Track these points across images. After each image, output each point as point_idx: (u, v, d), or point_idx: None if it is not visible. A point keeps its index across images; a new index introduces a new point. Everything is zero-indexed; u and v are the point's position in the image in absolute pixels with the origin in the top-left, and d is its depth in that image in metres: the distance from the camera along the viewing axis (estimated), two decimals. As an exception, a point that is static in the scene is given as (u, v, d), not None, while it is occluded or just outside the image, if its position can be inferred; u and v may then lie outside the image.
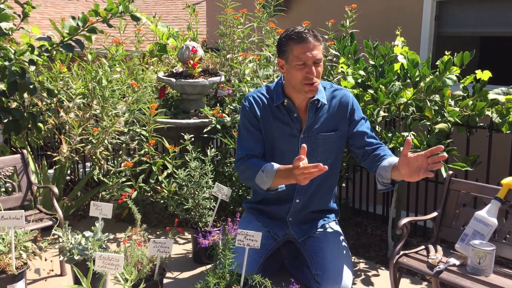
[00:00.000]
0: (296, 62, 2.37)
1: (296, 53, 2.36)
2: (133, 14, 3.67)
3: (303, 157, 2.16)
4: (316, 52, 2.36)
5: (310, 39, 2.35)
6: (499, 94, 2.90)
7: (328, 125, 2.54)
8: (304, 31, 2.39)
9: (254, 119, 2.56)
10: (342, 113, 2.54)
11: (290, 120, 2.53)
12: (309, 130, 2.53)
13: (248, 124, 2.58)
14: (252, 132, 2.57)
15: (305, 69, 2.37)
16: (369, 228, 3.65)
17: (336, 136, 2.56)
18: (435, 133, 2.90)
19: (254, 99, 2.58)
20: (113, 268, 2.05)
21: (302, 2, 5.08)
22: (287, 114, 2.53)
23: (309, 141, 2.52)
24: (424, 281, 2.83)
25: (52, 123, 3.85)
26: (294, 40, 2.37)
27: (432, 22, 4.15)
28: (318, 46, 2.38)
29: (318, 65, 2.39)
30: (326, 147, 2.55)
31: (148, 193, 3.63)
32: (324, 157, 2.55)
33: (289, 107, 2.52)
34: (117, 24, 4.62)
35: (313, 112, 2.52)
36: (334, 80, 3.63)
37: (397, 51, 3.09)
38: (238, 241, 2.16)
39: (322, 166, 2.10)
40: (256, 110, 2.56)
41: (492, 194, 2.36)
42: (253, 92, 2.63)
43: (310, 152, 2.51)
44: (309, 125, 2.52)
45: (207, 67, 4.09)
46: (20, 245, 2.49)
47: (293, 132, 2.53)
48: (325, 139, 2.54)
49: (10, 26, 3.44)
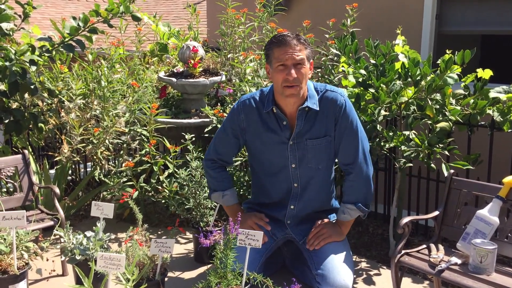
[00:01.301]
0: (276, 64, 2.38)
1: (276, 55, 2.37)
2: (134, 14, 3.67)
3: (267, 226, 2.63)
4: (297, 54, 2.34)
5: (290, 41, 2.35)
6: (500, 93, 2.90)
7: (317, 131, 2.50)
8: (286, 34, 2.39)
9: (238, 127, 2.58)
10: (331, 117, 2.49)
11: (278, 128, 2.51)
12: (298, 137, 2.50)
13: (229, 128, 2.61)
14: (230, 138, 2.62)
15: (284, 71, 2.36)
16: (371, 227, 3.65)
17: (326, 142, 2.53)
18: (436, 132, 2.90)
19: (245, 106, 2.57)
20: (114, 268, 2.05)
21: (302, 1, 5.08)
22: (276, 122, 2.51)
23: (298, 148, 2.52)
24: (426, 280, 2.83)
25: (53, 124, 3.85)
26: (275, 43, 2.39)
27: (433, 20, 4.14)
28: (300, 49, 2.36)
29: (301, 67, 2.36)
30: (316, 153, 2.53)
31: (149, 193, 3.63)
32: (315, 163, 2.55)
33: (278, 115, 2.50)
34: (118, 24, 4.62)
35: (302, 120, 2.48)
36: (335, 79, 3.62)
37: (398, 50, 3.08)
38: (239, 241, 2.16)
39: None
40: (243, 119, 2.56)
41: (493, 193, 2.36)
42: (247, 96, 2.62)
43: (300, 159, 2.53)
44: (298, 132, 2.50)
45: (208, 66, 4.08)
46: (21, 245, 2.49)
47: (282, 139, 2.52)
48: (314, 145, 2.51)
49: (11, 27, 3.44)
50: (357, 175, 2.55)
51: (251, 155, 2.70)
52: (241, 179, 3.48)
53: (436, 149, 2.82)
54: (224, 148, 2.67)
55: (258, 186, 2.75)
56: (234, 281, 2.14)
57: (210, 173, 2.73)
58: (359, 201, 2.57)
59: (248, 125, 2.57)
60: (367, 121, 3.03)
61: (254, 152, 2.65)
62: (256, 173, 2.72)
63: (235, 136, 2.61)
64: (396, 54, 3.05)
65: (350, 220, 2.64)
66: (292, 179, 2.58)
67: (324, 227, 2.61)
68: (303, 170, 2.55)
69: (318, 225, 2.63)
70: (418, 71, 2.90)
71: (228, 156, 2.71)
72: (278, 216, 2.68)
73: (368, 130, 2.96)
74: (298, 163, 2.54)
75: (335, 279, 2.41)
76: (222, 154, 2.68)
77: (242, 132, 2.59)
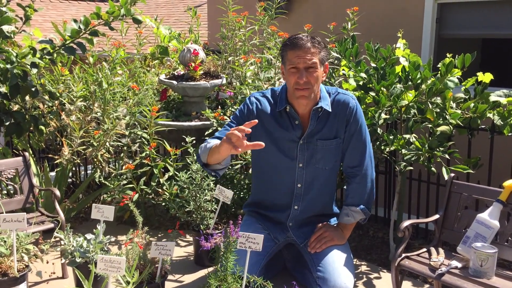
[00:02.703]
0: (289, 67, 2.41)
1: (290, 57, 2.40)
2: (135, 17, 3.67)
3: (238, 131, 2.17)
4: (309, 57, 2.36)
5: (304, 45, 2.36)
6: (500, 96, 2.90)
7: (328, 132, 2.53)
8: (300, 36, 2.40)
9: (247, 119, 2.50)
10: (341, 120, 2.53)
11: (290, 126, 2.53)
12: (309, 137, 2.53)
13: (240, 120, 2.54)
14: (237, 124, 2.51)
15: (296, 74, 2.38)
16: (371, 231, 3.64)
17: (336, 143, 2.55)
18: (437, 135, 2.90)
19: (258, 100, 2.58)
20: (114, 271, 2.05)
21: (303, 5, 5.09)
22: (289, 121, 2.53)
23: (308, 148, 2.53)
24: (426, 283, 2.83)
25: (54, 126, 3.86)
26: (288, 46, 2.42)
27: (434, 24, 4.15)
28: (313, 52, 2.37)
29: (313, 71, 2.37)
30: (325, 154, 2.55)
31: (149, 195, 3.63)
32: (323, 164, 2.56)
33: (291, 113, 2.52)
34: (119, 27, 4.63)
35: (315, 120, 2.51)
36: (335, 82, 3.63)
37: (398, 53, 3.09)
38: (239, 244, 2.16)
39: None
40: (254, 112, 2.55)
41: (494, 197, 2.36)
42: (259, 93, 2.62)
43: (308, 159, 2.54)
44: (310, 132, 2.52)
45: (209, 69, 4.09)
46: (22, 247, 2.49)
47: (293, 138, 2.54)
48: (324, 146, 2.54)
49: (12, 29, 3.45)
50: (362, 177, 2.57)
51: (255, 154, 2.68)
52: (241, 182, 3.48)
53: (437, 153, 2.83)
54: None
55: (261, 187, 2.74)
56: (234, 284, 2.14)
57: (200, 147, 2.53)
58: (362, 203, 2.58)
59: (258, 119, 2.50)
60: (367, 124, 3.03)
61: (260, 149, 2.60)
62: (259, 172, 2.71)
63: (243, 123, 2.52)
64: (396, 58, 3.06)
65: (352, 223, 2.65)
66: (296, 179, 2.58)
67: (327, 230, 2.61)
68: (310, 170, 2.56)
69: (320, 228, 2.63)
70: (419, 74, 2.90)
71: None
72: (281, 218, 2.68)
73: (369, 133, 2.96)
74: (306, 163, 2.54)
75: (335, 282, 2.41)
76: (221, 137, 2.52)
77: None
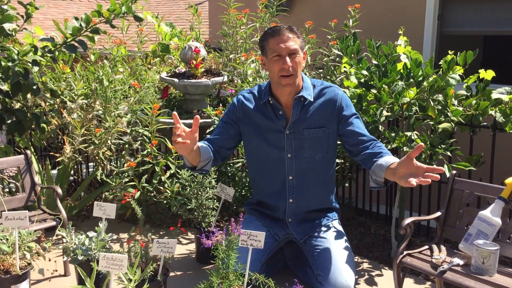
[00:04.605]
0: (272, 55, 2.46)
1: (271, 46, 2.46)
2: (136, 14, 3.67)
3: (179, 126, 2.18)
4: (291, 44, 2.43)
5: (284, 32, 2.44)
6: (502, 94, 2.90)
7: (314, 122, 2.56)
8: (279, 26, 2.49)
9: (234, 117, 2.65)
10: (330, 110, 2.55)
11: (275, 117, 2.57)
12: (294, 126, 2.56)
13: (226, 117, 2.69)
14: (224, 127, 2.66)
15: (280, 61, 2.43)
16: (373, 228, 3.64)
17: (323, 133, 2.57)
18: (439, 132, 2.89)
19: (242, 97, 2.67)
20: (116, 268, 2.05)
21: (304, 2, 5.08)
22: (273, 111, 2.58)
23: (295, 137, 2.56)
24: (428, 281, 2.83)
25: (55, 124, 3.86)
26: (269, 34, 2.48)
27: (435, 21, 4.14)
28: (293, 38, 2.45)
29: (295, 56, 2.44)
30: (312, 143, 2.57)
31: (151, 193, 3.63)
32: (311, 153, 2.58)
33: (274, 105, 2.57)
34: (119, 24, 4.63)
35: (298, 109, 2.54)
36: (337, 79, 3.62)
37: (400, 50, 3.08)
38: (241, 241, 2.16)
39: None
40: (239, 109, 2.64)
41: (495, 194, 2.36)
42: (246, 90, 2.71)
43: (296, 148, 2.58)
44: (294, 121, 2.55)
45: (210, 67, 4.09)
46: (24, 245, 2.50)
47: (279, 128, 2.57)
48: (311, 134, 2.56)
49: (13, 27, 3.45)
50: (374, 141, 2.48)
51: (247, 149, 2.73)
52: (243, 179, 3.48)
53: (438, 150, 2.82)
54: (219, 134, 2.65)
55: (255, 183, 2.79)
56: (236, 282, 2.13)
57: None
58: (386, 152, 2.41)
59: (244, 115, 2.63)
60: (369, 121, 3.03)
61: (249, 143, 2.67)
62: (251, 167, 2.76)
63: (232, 123, 2.65)
64: (398, 55, 3.05)
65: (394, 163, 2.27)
66: (287, 171, 2.59)
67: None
68: (299, 161, 2.58)
69: (416, 163, 2.08)
70: (420, 72, 2.90)
71: (220, 141, 2.63)
72: (279, 215, 2.68)
73: (370, 130, 2.96)
74: (294, 153, 2.57)
75: (337, 279, 2.41)
76: (214, 139, 2.62)
77: (237, 121, 2.65)
